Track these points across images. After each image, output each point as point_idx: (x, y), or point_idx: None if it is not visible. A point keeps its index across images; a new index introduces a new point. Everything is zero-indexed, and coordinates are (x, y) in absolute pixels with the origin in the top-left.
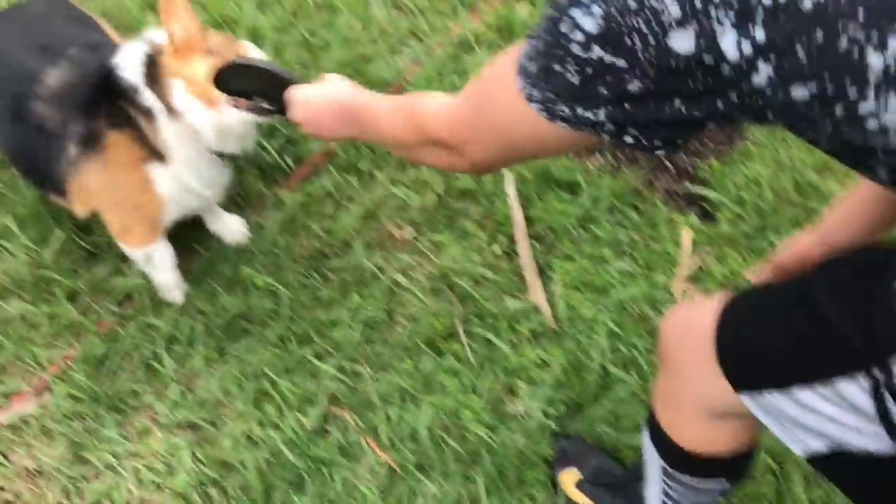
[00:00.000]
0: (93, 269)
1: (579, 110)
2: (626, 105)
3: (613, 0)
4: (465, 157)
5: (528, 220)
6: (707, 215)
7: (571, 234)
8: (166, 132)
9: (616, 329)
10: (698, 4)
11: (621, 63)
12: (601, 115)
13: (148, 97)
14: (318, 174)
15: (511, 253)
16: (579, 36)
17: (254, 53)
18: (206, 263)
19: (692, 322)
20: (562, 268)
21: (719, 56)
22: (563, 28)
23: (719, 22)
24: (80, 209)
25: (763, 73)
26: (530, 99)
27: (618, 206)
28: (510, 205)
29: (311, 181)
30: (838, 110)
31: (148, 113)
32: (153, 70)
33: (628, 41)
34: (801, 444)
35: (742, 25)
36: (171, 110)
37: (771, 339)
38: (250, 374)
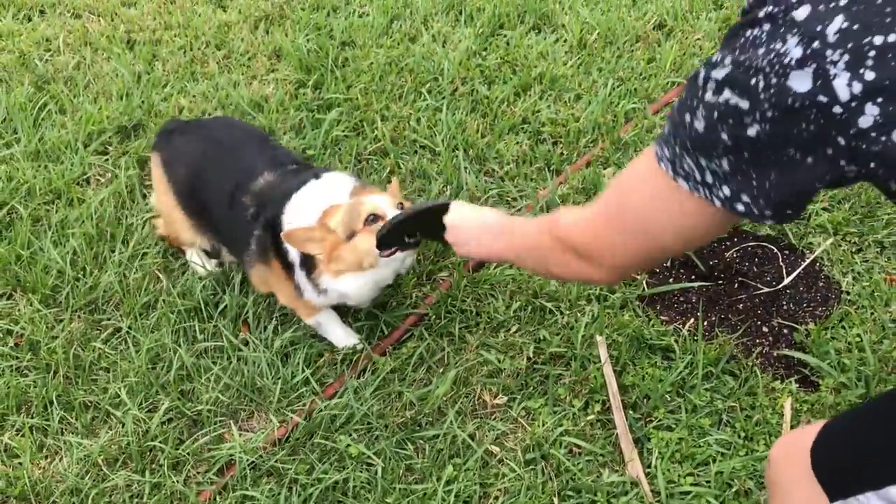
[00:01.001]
0: (196, 436)
1: (703, 161)
2: (745, 154)
3: (743, 50)
4: (603, 264)
5: (622, 387)
6: (808, 382)
7: (667, 403)
8: (307, 293)
9: None
10: (817, 46)
11: (744, 104)
12: (724, 165)
13: (299, 273)
14: (410, 338)
15: (605, 421)
16: (712, 84)
17: (376, 198)
18: (303, 432)
19: (796, 446)
20: (659, 438)
21: (832, 96)
22: (699, 81)
23: (834, 63)
24: (257, 286)
25: (869, 115)
26: (660, 159)
27: (714, 372)
28: (603, 371)
29: (404, 344)
30: None
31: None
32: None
33: (752, 81)
34: None
35: (854, 67)
36: (319, 290)
37: (860, 446)
38: None
